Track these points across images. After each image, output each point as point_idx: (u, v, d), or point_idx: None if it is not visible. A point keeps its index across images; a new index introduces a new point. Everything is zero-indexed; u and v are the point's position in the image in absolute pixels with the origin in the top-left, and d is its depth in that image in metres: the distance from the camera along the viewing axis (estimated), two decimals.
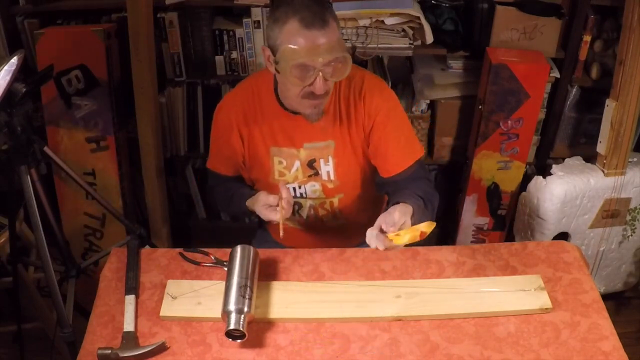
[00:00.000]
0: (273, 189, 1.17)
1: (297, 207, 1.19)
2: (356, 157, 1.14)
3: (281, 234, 1.04)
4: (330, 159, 1.12)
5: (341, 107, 1.10)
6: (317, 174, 1.14)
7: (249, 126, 1.13)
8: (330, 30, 0.97)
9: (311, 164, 1.14)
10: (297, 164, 1.14)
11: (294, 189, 1.16)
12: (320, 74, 0.98)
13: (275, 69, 1.01)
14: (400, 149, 1.12)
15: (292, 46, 0.96)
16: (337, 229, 1.23)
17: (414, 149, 1.14)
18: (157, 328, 0.99)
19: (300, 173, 1.14)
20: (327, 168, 1.13)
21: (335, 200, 1.18)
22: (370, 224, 1.30)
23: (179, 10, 1.57)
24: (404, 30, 1.52)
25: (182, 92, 1.68)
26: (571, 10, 1.53)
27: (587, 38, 1.53)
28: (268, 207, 1.07)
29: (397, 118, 1.12)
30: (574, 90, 1.63)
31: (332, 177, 1.14)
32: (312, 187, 1.16)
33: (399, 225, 0.92)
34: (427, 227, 0.91)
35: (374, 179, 1.21)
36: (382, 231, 0.93)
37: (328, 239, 1.21)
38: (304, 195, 1.17)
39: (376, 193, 1.25)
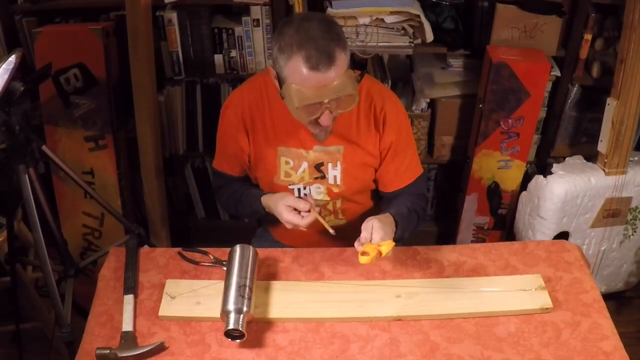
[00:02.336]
0: (277, 190, 1.16)
1: None
2: (364, 165, 1.14)
3: (332, 232, 1.05)
4: (339, 163, 1.12)
5: (355, 114, 1.09)
6: (323, 177, 1.14)
7: (255, 125, 1.12)
8: (338, 65, 0.93)
9: (319, 167, 1.13)
10: (304, 165, 1.13)
11: (299, 189, 1.16)
12: (327, 109, 0.97)
13: (280, 95, 0.99)
14: (404, 168, 1.14)
15: (297, 87, 0.94)
16: (337, 229, 1.22)
17: (416, 168, 1.17)
18: (155, 328, 0.99)
19: (307, 175, 1.14)
20: (334, 172, 1.13)
21: (338, 202, 1.18)
22: None
23: (178, 8, 1.56)
24: (404, 28, 1.52)
25: (181, 91, 1.67)
26: (572, 8, 1.53)
27: (588, 36, 1.53)
28: (292, 210, 1.06)
29: (407, 137, 1.15)
30: (575, 89, 1.63)
31: (338, 182, 1.14)
32: (317, 189, 1.15)
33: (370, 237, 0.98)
34: (386, 247, 0.96)
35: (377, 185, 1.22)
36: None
37: (328, 239, 1.21)
38: (308, 196, 1.17)
39: (379, 198, 1.25)
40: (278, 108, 1.08)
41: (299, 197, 1.13)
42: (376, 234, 0.98)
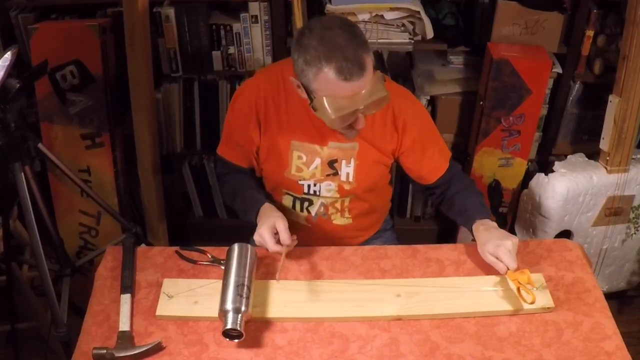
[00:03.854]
0: (286, 184, 1.15)
1: (307, 203, 1.17)
2: (377, 162, 1.13)
3: (277, 277, 1.00)
4: (352, 160, 1.11)
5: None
6: (336, 174, 1.13)
7: (269, 116, 1.10)
8: (368, 71, 0.93)
9: (332, 164, 1.12)
10: (317, 161, 1.11)
11: (309, 186, 1.14)
12: (362, 114, 0.97)
13: (311, 107, 0.98)
14: (438, 157, 1.14)
15: (330, 98, 0.93)
16: (341, 227, 1.21)
17: (446, 152, 1.17)
18: (153, 327, 0.98)
19: (319, 171, 1.12)
20: (347, 169, 1.12)
21: (347, 201, 1.17)
22: (374, 225, 1.29)
23: (176, 5, 1.55)
24: (403, 25, 1.50)
25: (179, 88, 1.66)
26: (573, 4, 1.51)
27: (590, 33, 1.51)
28: (274, 233, 1.03)
29: (429, 128, 1.14)
30: (577, 86, 1.62)
31: (350, 179, 1.13)
32: (327, 186, 1.14)
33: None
34: (525, 275, 0.97)
35: (386, 184, 1.21)
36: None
37: (331, 236, 1.20)
38: (317, 193, 1.15)
39: (385, 197, 1.25)
40: (295, 101, 1.06)
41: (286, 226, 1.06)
42: (507, 259, 0.97)
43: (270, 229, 1.03)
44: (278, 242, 1.02)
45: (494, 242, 0.99)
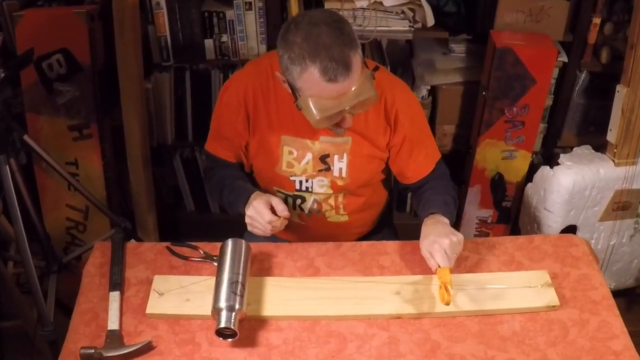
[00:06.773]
0: (277, 181, 1.12)
1: (299, 200, 1.15)
2: (371, 157, 1.11)
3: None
4: (345, 155, 1.09)
5: None
6: (328, 169, 1.11)
7: (258, 110, 1.08)
8: (354, 71, 0.91)
9: (324, 159, 1.10)
10: (308, 156, 1.09)
11: (300, 182, 1.12)
12: (348, 113, 0.96)
13: (296, 106, 0.96)
14: (423, 158, 1.12)
15: (315, 98, 0.92)
16: (337, 225, 1.19)
17: (435, 154, 1.14)
18: (143, 326, 0.96)
19: (311, 166, 1.10)
20: (340, 164, 1.10)
21: (340, 197, 1.15)
22: (372, 221, 1.27)
23: None
24: (403, 12, 1.47)
25: (170, 77, 1.63)
26: None
27: (597, 20, 1.49)
28: (269, 207, 1.01)
29: (421, 127, 1.12)
30: (583, 75, 1.60)
31: (343, 174, 1.11)
32: (319, 182, 1.12)
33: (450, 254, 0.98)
34: (444, 273, 0.96)
35: (382, 179, 1.19)
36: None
37: (327, 234, 1.17)
38: (310, 189, 1.13)
39: (381, 193, 1.23)
40: (284, 94, 1.03)
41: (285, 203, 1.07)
42: (438, 257, 0.96)
43: (265, 203, 1.02)
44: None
45: (432, 238, 0.98)
